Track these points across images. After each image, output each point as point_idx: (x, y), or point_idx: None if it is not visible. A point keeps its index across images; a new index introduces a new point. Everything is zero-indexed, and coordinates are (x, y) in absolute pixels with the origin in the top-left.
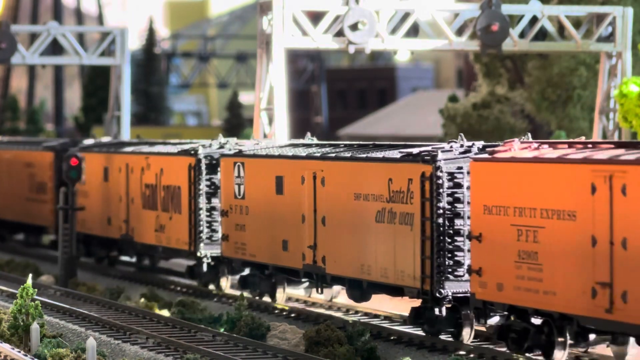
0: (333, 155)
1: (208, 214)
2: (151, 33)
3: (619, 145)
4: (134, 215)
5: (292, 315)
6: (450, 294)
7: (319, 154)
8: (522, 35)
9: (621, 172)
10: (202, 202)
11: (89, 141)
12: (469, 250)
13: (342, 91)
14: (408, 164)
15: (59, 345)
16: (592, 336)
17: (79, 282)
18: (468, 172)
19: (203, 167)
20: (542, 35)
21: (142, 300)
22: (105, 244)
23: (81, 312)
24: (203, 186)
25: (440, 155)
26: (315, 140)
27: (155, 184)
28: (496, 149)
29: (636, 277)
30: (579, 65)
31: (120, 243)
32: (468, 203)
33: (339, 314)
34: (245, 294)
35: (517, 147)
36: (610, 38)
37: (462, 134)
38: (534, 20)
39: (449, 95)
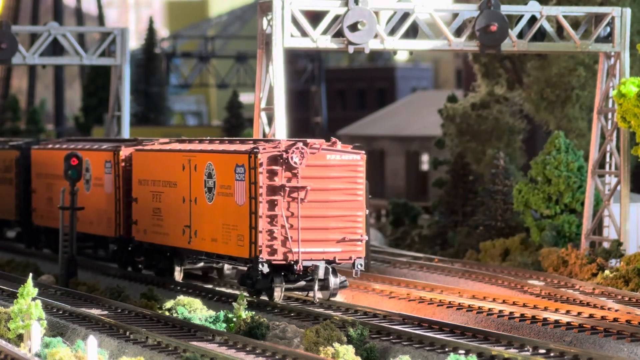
0: None
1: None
2: (151, 33)
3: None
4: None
5: (292, 314)
6: (36, 224)
7: None
8: (520, 35)
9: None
10: None
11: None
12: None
13: (342, 91)
14: (10, 150)
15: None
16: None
17: (80, 281)
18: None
19: None
20: (541, 35)
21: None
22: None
23: (81, 311)
24: None
25: (24, 145)
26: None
27: None
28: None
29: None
30: (577, 66)
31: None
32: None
33: (338, 313)
34: None
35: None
36: (608, 38)
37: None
38: (532, 20)
39: (448, 96)
